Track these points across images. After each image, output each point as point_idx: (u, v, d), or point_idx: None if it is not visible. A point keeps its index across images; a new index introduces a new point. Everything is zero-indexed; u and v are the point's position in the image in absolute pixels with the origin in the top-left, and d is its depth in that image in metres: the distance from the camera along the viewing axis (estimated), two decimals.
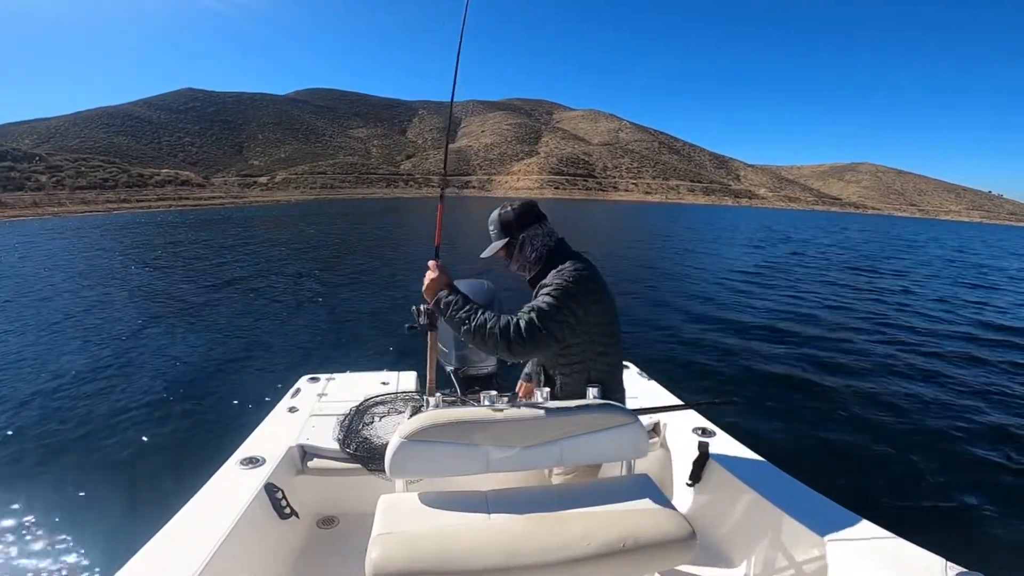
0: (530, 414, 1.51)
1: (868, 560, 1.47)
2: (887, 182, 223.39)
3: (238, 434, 2.23)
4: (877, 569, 1.43)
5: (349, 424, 2.23)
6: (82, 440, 4.26)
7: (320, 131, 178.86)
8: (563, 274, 1.67)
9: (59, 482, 3.60)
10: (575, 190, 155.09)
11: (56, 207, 47.16)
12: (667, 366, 6.29)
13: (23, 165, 59.24)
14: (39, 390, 5.25)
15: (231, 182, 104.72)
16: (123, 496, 3.44)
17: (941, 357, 7.47)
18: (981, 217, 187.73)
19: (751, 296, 11.82)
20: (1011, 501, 3.86)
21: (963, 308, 11.67)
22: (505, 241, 1.83)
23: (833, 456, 4.40)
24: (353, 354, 6.59)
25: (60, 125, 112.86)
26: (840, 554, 1.53)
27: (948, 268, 20.82)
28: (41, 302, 9.32)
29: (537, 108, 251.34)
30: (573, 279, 1.65)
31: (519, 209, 1.84)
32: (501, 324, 1.56)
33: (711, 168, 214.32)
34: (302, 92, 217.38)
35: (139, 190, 65.65)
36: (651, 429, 2.41)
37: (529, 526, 1.33)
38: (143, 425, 4.53)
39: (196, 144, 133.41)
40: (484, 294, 2.68)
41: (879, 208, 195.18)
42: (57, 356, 6.31)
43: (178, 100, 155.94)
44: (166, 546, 1.50)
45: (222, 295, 10.08)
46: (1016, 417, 5.39)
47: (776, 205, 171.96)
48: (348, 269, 13.75)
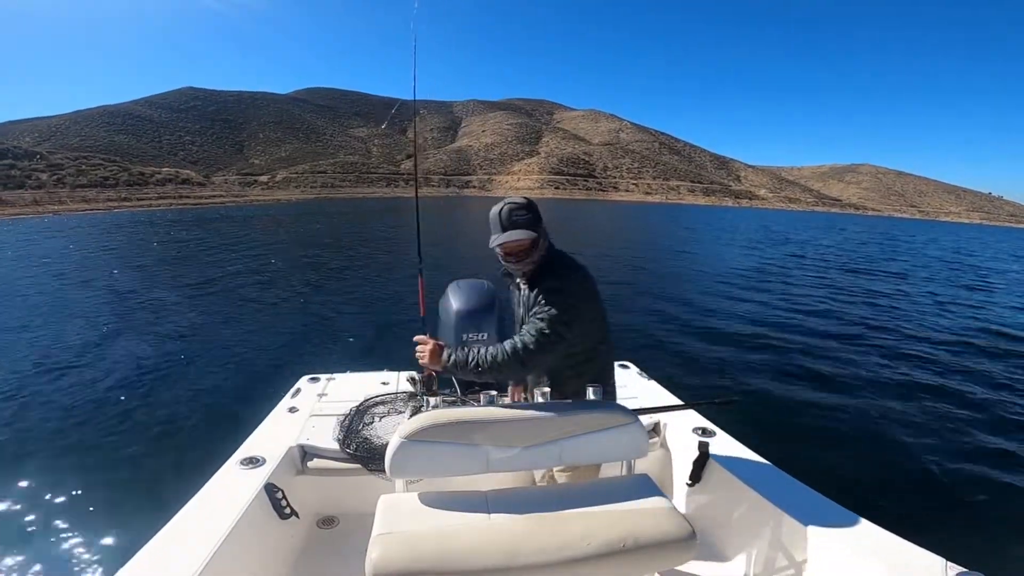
0: (530, 414, 1.52)
1: (868, 560, 1.47)
2: (887, 183, 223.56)
3: (238, 434, 2.23)
4: (877, 569, 1.43)
5: (349, 424, 2.23)
6: (82, 440, 4.25)
7: (321, 130, 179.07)
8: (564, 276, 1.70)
9: (59, 482, 3.60)
10: (575, 190, 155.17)
11: (57, 205, 47.13)
12: (667, 366, 6.28)
13: (24, 163, 59.24)
14: (39, 390, 5.25)
15: (232, 181, 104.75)
16: (123, 496, 3.44)
17: (941, 358, 7.47)
18: (981, 219, 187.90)
19: (751, 296, 11.81)
20: (1011, 501, 3.86)
21: (963, 309, 11.68)
22: (534, 234, 1.71)
23: (833, 456, 4.40)
24: (353, 354, 6.58)
25: (61, 123, 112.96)
26: (840, 554, 1.53)
27: (946, 270, 20.83)
28: (41, 301, 9.32)
29: (538, 108, 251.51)
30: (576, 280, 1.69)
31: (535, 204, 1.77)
32: (508, 350, 1.59)
33: (711, 169, 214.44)
34: (302, 91, 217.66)
35: (140, 189, 65.69)
36: (651, 429, 2.41)
37: (529, 526, 1.33)
38: (143, 425, 4.52)
39: (197, 143, 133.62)
40: (484, 294, 2.68)
41: (879, 209, 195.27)
42: (56, 356, 6.30)
43: (179, 99, 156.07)
44: (166, 546, 1.50)
45: (223, 295, 10.08)
46: (1017, 417, 5.40)
47: (776, 206, 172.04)
48: (349, 269, 13.75)
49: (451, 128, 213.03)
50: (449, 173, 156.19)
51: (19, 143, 77.64)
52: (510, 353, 1.58)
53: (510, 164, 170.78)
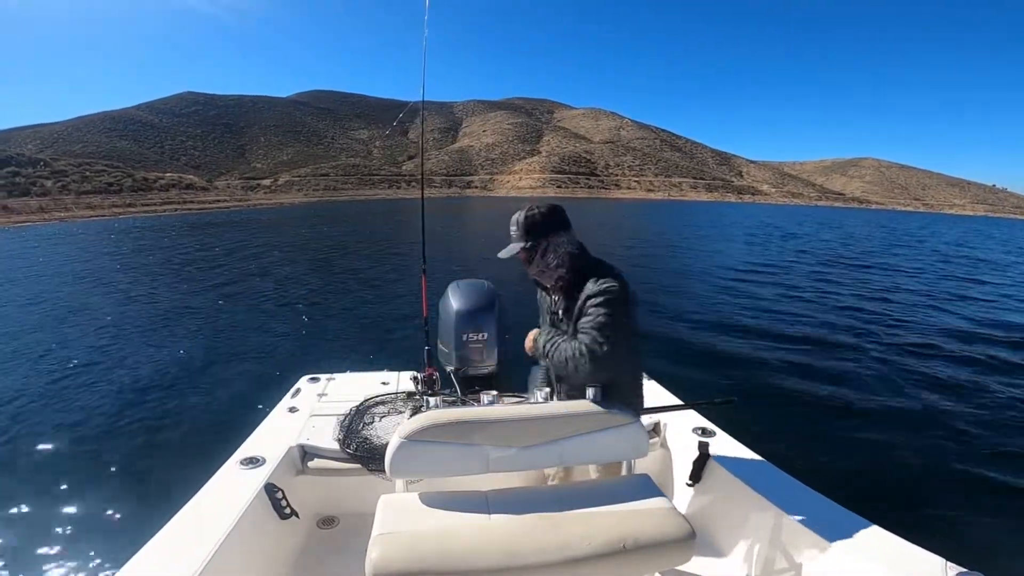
0: (530, 414, 1.52)
1: (868, 560, 1.47)
2: (890, 177, 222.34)
3: (238, 434, 2.23)
4: (877, 569, 1.43)
5: (349, 424, 2.24)
6: (82, 440, 4.27)
7: (322, 133, 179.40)
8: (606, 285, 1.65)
9: (59, 482, 3.62)
10: (577, 188, 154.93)
11: (63, 212, 47.33)
12: (667, 366, 6.28)
13: (27, 170, 59.41)
14: (39, 391, 5.27)
15: (234, 185, 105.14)
16: (123, 496, 3.45)
17: (941, 358, 7.42)
18: (985, 211, 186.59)
19: (751, 295, 11.77)
20: (1012, 501, 3.85)
21: (963, 307, 11.59)
22: (525, 244, 1.75)
23: (833, 456, 4.39)
24: (353, 354, 6.59)
25: (62, 130, 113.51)
26: (840, 554, 1.53)
27: (950, 264, 20.71)
28: (44, 307, 9.37)
29: (538, 107, 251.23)
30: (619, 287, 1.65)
31: (546, 213, 1.76)
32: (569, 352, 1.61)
33: (713, 165, 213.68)
34: (303, 94, 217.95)
35: (144, 194, 65.89)
36: (651, 429, 2.40)
37: (529, 526, 1.33)
38: (143, 425, 4.54)
39: (198, 148, 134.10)
40: (484, 294, 2.68)
41: (883, 203, 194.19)
42: (56, 357, 6.34)
43: (179, 104, 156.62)
44: (166, 546, 1.50)
45: (223, 296, 10.12)
46: (1017, 417, 5.36)
47: (779, 201, 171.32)
48: (350, 270, 13.78)
49: (452, 129, 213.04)
50: (451, 174, 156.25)
51: (21, 150, 77.97)
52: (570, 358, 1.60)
53: (512, 164, 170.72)
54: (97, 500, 3.43)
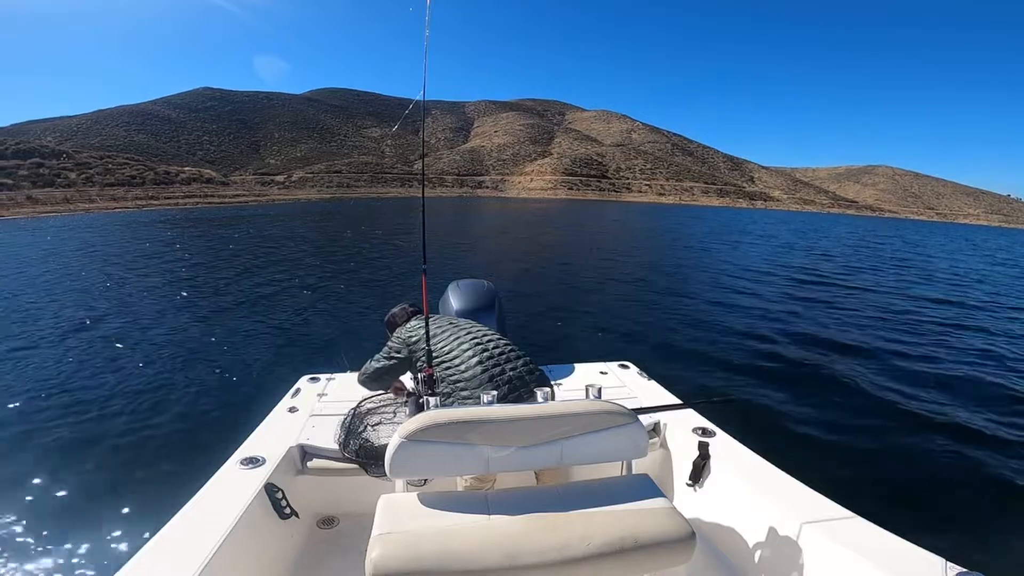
0: (530, 414, 1.51)
1: (868, 560, 1.46)
2: (904, 185, 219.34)
3: (238, 434, 2.24)
4: (877, 569, 1.43)
5: (349, 424, 2.25)
6: (81, 439, 4.26)
7: (335, 130, 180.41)
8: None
9: (59, 482, 3.62)
10: (589, 191, 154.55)
11: (87, 203, 48.05)
12: (667, 366, 6.27)
13: (51, 162, 60.26)
14: (39, 391, 5.25)
15: (250, 180, 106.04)
16: (123, 496, 3.44)
17: (941, 358, 7.38)
18: (1000, 221, 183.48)
19: (753, 296, 11.76)
20: (1012, 501, 3.82)
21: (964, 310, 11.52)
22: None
23: (834, 456, 4.36)
24: (353, 354, 6.58)
25: (81, 123, 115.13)
26: (840, 554, 1.53)
27: (955, 268, 20.48)
28: (41, 299, 9.49)
29: (549, 108, 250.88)
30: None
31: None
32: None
33: (725, 170, 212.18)
34: (316, 92, 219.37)
35: (166, 187, 66.85)
36: (651, 429, 2.40)
37: (529, 526, 1.33)
38: (143, 424, 4.53)
39: (214, 143, 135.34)
40: (484, 294, 2.69)
41: (896, 211, 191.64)
42: (56, 356, 6.35)
43: (196, 99, 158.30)
44: (166, 546, 1.51)
45: (223, 296, 10.16)
46: (1017, 417, 5.32)
47: (791, 207, 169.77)
48: (351, 269, 13.82)
49: (463, 128, 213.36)
50: (462, 173, 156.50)
51: (42, 142, 79.17)
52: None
53: (523, 164, 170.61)
54: (96, 500, 3.43)
